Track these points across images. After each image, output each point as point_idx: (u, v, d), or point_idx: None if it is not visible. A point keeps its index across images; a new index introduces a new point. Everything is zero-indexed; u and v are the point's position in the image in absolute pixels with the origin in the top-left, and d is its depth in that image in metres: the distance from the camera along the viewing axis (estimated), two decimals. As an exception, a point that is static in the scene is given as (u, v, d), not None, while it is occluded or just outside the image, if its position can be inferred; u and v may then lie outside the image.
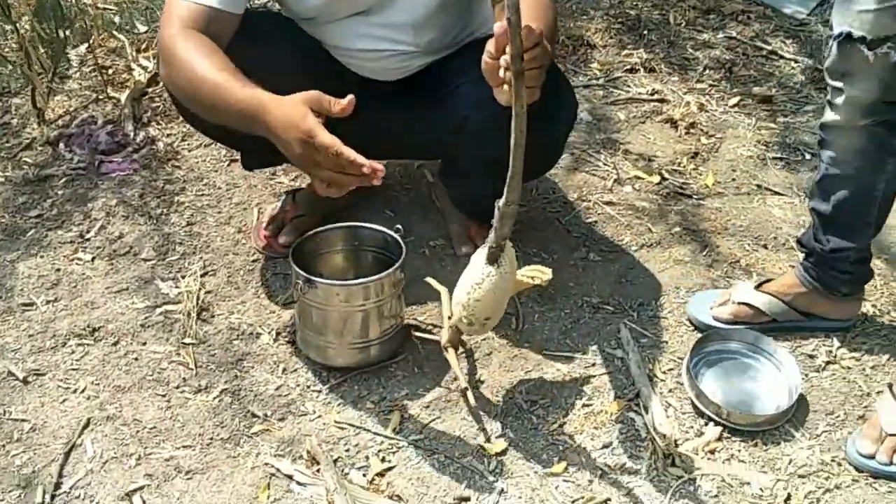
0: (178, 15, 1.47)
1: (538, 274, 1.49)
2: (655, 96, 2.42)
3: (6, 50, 2.34)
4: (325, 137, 1.29)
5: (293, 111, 1.32)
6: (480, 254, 1.40)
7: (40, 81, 2.28)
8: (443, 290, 1.62)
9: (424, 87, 1.69)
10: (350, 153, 1.30)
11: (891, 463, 1.43)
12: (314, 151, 1.31)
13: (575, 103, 1.68)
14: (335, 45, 1.68)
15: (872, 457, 1.43)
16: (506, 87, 1.27)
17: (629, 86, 2.47)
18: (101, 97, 2.40)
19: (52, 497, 1.40)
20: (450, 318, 1.51)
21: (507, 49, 1.20)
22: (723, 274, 1.86)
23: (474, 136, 1.60)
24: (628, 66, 2.54)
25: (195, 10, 1.47)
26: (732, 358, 1.63)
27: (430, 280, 1.67)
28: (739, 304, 1.70)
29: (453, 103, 1.63)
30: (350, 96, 1.32)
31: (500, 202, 1.31)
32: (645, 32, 2.70)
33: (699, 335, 1.68)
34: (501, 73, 1.26)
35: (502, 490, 1.41)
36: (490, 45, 1.27)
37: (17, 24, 2.24)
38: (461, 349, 1.64)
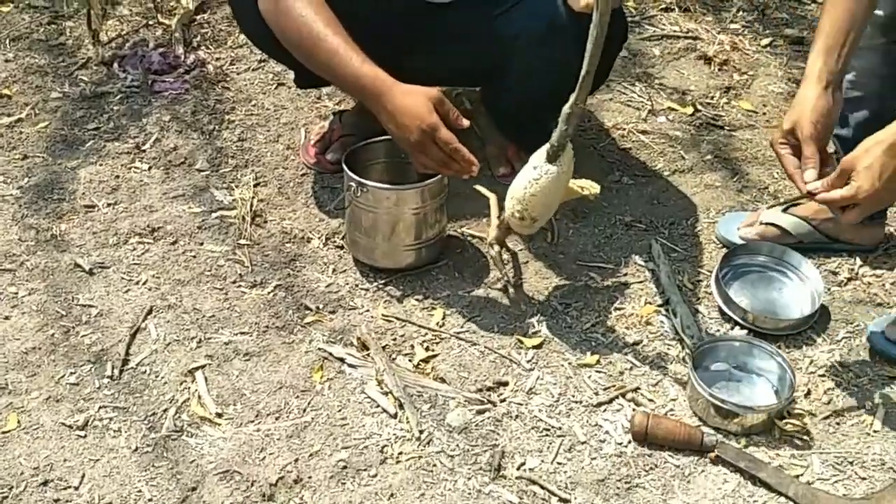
0: None
1: (588, 186, 1.58)
2: (689, 34, 2.48)
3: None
4: (447, 134, 1.49)
5: (419, 104, 1.50)
6: (540, 153, 1.48)
7: (96, 2, 2.37)
8: (490, 195, 1.70)
9: (477, 7, 1.76)
10: (464, 150, 1.51)
11: None
12: (430, 142, 1.49)
13: (626, 24, 1.75)
14: (386, -36, 1.75)
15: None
16: None
17: (663, 24, 2.53)
18: (150, 23, 2.49)
19: (121, 371, 1.51)
20: (499, 217, 1.59)
21: None
22: (751, 198, 1.94)
23: (524, 53, 1.68)
24: (663, 6, 2.60)
25: None
26: (760, 270, 1.71)
27: (478, 187, 1.75)
28: (767, 224, 1.78)
29: (506, 22, 1.70)
30: (466, 122, 1.54)
31: (569, 102, 1.40)
32: (679, -27, 2.75)
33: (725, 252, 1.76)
34: None
35: (538, 377, 1.51)
36: None
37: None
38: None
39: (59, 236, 1.79)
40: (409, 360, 1.53)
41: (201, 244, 1.79)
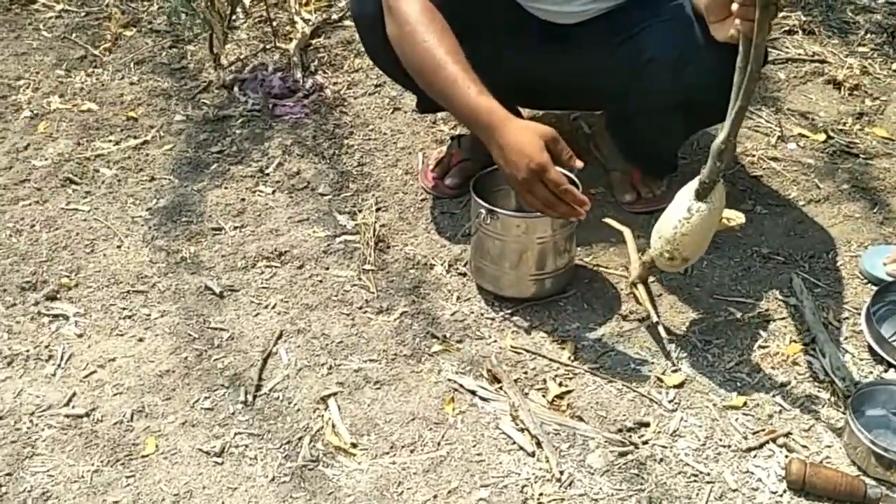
0: None
1: (735, 217, 1.51)
2: (816, 57, 2.39)
3: (187, -2, 2.48)
4: (556, 175, 1.46)
5: (531, 142, 1.46)
6: (688, 189, 1.43)
7: (219, 26, 2.41)
8: (625, 229, 1.65)
9: (607, 29, 1.72)
10: (574, 191, 1.48)
11: None
12: (537, 181, 1.46)
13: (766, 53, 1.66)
14: (520, -12, 1.73)
15: None
16: (737, 21, 1.29)
17: (787, 47, 2.44)
18: (268, 47, 2.52)
19: (254, 397, 1.51)
20: (640, 255, 1.54)
21: None
22: (895, 230, 1.84)
23: (659, 78, 1.63)
24: (786, 28, 2.51)
25: None
26: (913, 309, 1.61)
27: (608, 220, 1.70)
28: (916, 259, 1.68)
29: (638, 45, 1.66)
30: (580, 163, 1.51)
31: (720, 137, 1.35)
32: (803, -5, 2.66)
33: (873, 288, 1.67)
34: (733, 6, 1.28)
35: (682, 419, 1.44)
36: None
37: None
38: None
39: (188, 258, 1.82)
40: (543, 396, 1.49)
41: (327, 269, 1.78)
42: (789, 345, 1.57)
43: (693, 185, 1.42)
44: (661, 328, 1.56)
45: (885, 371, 1.51)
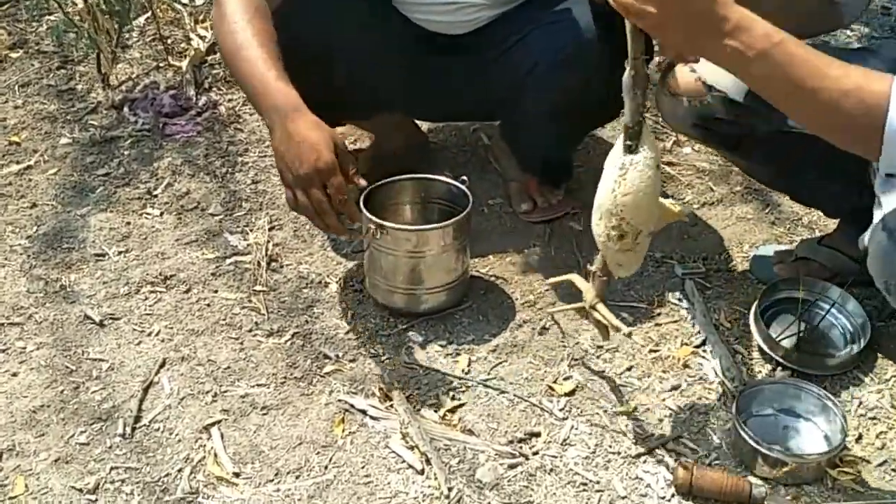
0: None
1: (677, 205, 1.33)
2: (711, 63, 2.42)
3: (74, 17, 2.40)
4: (341, 180, 1.35)
5: (323, 139, 1.35)
6: (614, 150, 1.25)
7: (106, 46, 2.34)
8: (575, 277, 1.51)
9: (492, 39, 1.71)
10: (353, 207, 1.41)
11: None
12: (318, 182, 1.34)
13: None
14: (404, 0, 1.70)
15: None
16: None
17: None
18: (161, 65, 2.45)
19: (133, 429, 1.44)
20: (591, 269, 1.40)
21: None
22: (786, 231, 1.86)
23: (544, 81, 1.62)
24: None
25: None
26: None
27: (572, 277, 1.52)
28: (802, 258, 1.70)
29: (522, 51, 1.65)
30: (363, 182, 1.42)
31: (627, 67, 1.18)
32: None
33: (763, 288, 1.68)
34: None
35: (573, 427, 1.42)
36: None
37: (84, -9, 2.30)
38: (515, 296, 1.66)
39: (68, 287, 1.74)
40: (435, 411, 1.46)
41: (216, 292, 1.72)
42: (680, 348, 1.57)
43: (618, 143, 1.24)
44: (631, 337, 1.50)
45: (774, 370, 1.52)
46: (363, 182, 1.42)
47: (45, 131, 2.21)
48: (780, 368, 1.52)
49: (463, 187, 1.67)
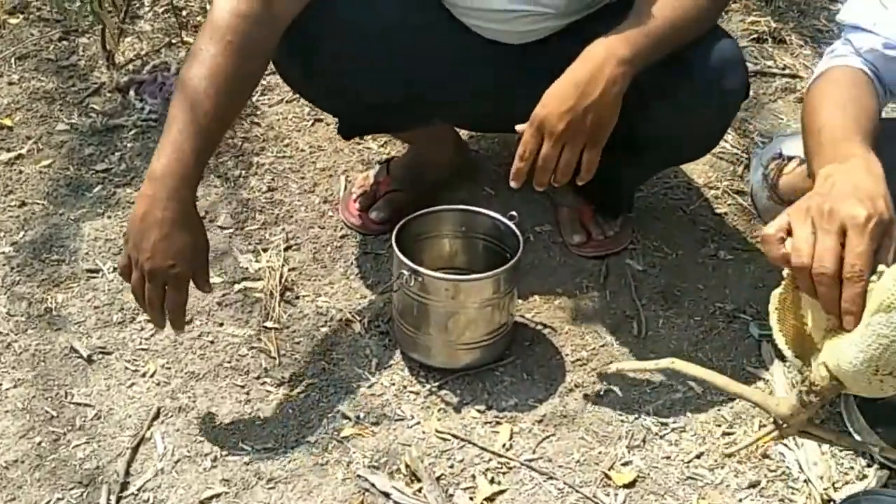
0: None
1: None
2: (787, 71, 2.16)
3: (76, -15, 2.16)
4: (182, 301, 1.24)
5: (189, 246, 1.22)
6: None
7: (111, 21, 2.10)
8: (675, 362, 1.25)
9: (555, 51, 1.46)
10: (181, 319, 1.25)
11: None
12: (158, 281, 1.20)
13: (746, 71, 1.41)
14: (458, 3, 1.46)
15: None
16: None
17: (756, 57, 2.21)
18: (174, 41, 2.21)
19: (119, 499, 1.24)
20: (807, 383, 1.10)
21: None
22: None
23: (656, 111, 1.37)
24: (755, 35, 2.28)
25: None
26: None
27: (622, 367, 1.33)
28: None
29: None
30: (209, 290, 1.31)
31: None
32: (772, -2, 2.43)
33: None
34: None
35: (633, 531, 1.21)
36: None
37: (89, -43, 2.05)
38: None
39: (54, 310, 1.52)
40: (471, 499, 1.24)
41: (221, 325, 1.51)
42: (758, 430, 1.34)
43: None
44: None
45: (868, 466, 1.30)
46: (209, 290, 1.30)
47: (40, 114, 1.98)
48: (876, 466, 1.29)
49: (512, 225, 1.44)
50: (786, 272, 1.07)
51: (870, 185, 0.99)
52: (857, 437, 1.31)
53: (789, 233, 1.01)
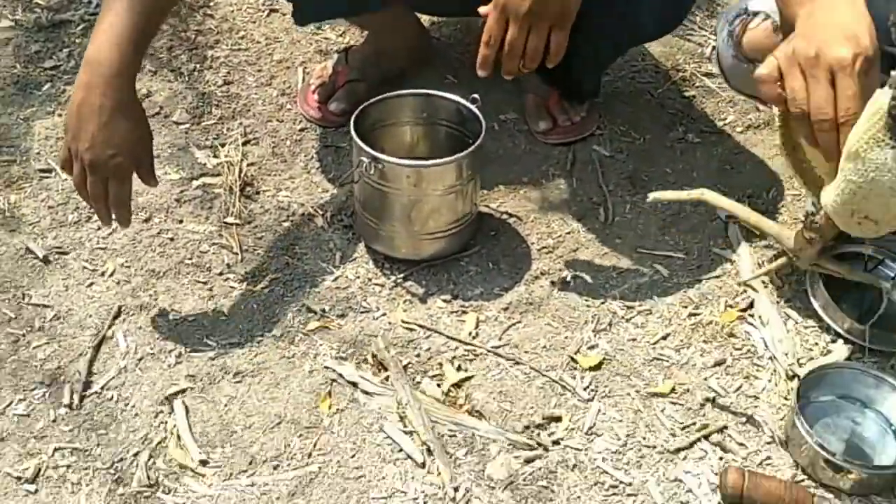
0: None
1: None
2: (759, -50, 2.09)
3: None
4: (125, 193, 1.21)
5: (132, 137, 1.18)
6: (870, 131, 0.93)
7: None
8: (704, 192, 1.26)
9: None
10: (126, 214, 1.23)
11: None
12: (100, 174, 1.17)
13: None
14: None
15: None
16: None
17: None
18: (119, -69, 2.09)
19: (81, 398, 1.23)
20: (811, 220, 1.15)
21: None
22: (843, 164, 1.61)
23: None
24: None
25: None
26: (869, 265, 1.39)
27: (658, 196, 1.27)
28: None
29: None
30: (156, 183, 1.28)
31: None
32: None
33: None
34: None
35: (599, 410, 1.22)
36: None
37: None
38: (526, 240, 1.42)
39: (7, 211, 1.48)
40: (438, 385, 1.24)
41: (180, 222, 1.47)
42: (724, 311, 1.35)
43: (875, 118, 0.92)
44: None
45: (833, 342, 1.31)
46: (155, 184, 1.27)
47: (-20, 11, 1.88)
48: (840, 341, 1.30)
49: (474, 108, 1.39)
50: (776, 110, 1.08)
51: (851, 21, 0.96)
52: (821, 312, 1.32)
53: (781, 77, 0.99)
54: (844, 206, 1.00)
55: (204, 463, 1.15)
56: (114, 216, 1.23)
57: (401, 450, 1.17)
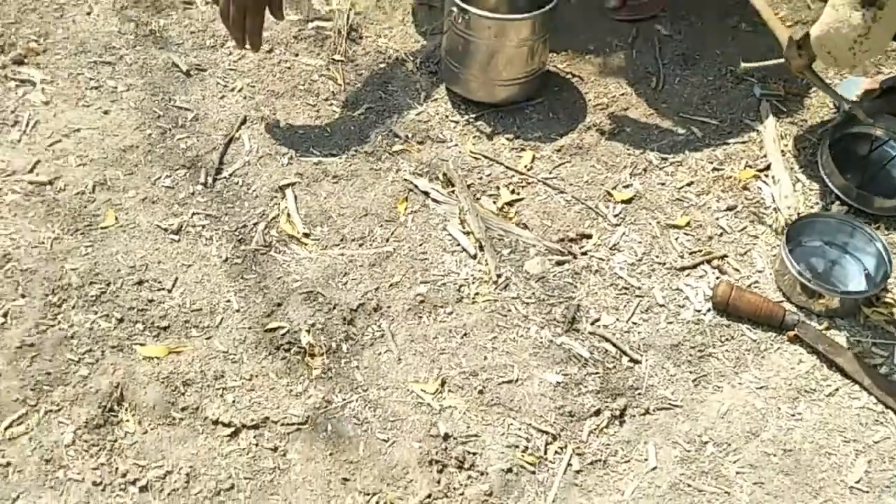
0: None
1: None
2: None
3: None
4: (258, 22, 1.49)
5: None
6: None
7: None
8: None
9: None
10: (258, 41, 1.52)
11: None
12: (239, 6, 1.45)
13: None
14: None
15: None
16: None
17: None
18: None
19: (214, 180, 1.55)
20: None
21: None
22: (874, 62, 1.79)
23: None
24: None
25: None
26: (875, 144, 1.61)
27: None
28: (889, 89, 1.66)
29: None
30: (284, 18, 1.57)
31: None
32: None
33: (839, 119, 1.66)
34: None
35: (624, 233, 1.49)
36: None
37: None
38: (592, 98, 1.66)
39: (157, 32, 1.78)
40: (494, 202, 1.53)
41: (296, 55, 1.76)
42: (744, 169, 1.59)
43: None
44: (859, 112, 1.52)
45: (832, 203, 1.54)
46: (283, 18, 1.58)
47: None
48: (837, 203, 1.53)
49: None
50: None
51: None
52: (827, 180, 1.55)
53: None
54: (818, 39, 1.33)
55: (307, 235, 1.47)
56: (247, 43, 1.52)
57: (458, 244, 1.47)
